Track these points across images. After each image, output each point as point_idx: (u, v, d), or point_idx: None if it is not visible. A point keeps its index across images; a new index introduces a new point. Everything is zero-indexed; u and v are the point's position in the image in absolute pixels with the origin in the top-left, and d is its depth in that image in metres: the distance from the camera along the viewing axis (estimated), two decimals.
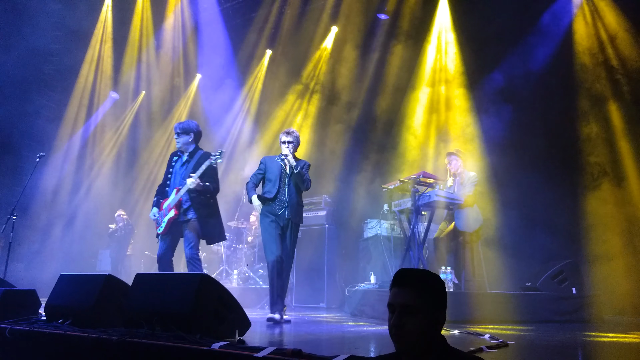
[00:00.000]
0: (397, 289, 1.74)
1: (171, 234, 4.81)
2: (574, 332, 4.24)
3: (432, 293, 1.71)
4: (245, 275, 8.50)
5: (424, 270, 1.80)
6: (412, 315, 1.68)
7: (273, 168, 5.09)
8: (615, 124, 6.71)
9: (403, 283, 1.74)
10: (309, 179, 5.04)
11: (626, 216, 6.37)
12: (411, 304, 1.68)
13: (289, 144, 5.07)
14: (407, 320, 1.68)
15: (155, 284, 3.32)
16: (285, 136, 5.14)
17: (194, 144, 5.04)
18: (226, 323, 3.08)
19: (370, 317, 5.47)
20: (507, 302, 5.24)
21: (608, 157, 6.67)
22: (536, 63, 7.26)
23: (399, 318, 1.70)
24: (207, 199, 4.85)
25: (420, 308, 1.68)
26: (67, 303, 3.59)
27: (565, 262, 5.82)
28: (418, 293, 1.69)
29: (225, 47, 10.65)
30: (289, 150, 5.02)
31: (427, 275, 1.76)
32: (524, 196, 6.75)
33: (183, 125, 4.98)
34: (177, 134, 4.97)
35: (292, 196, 4.97)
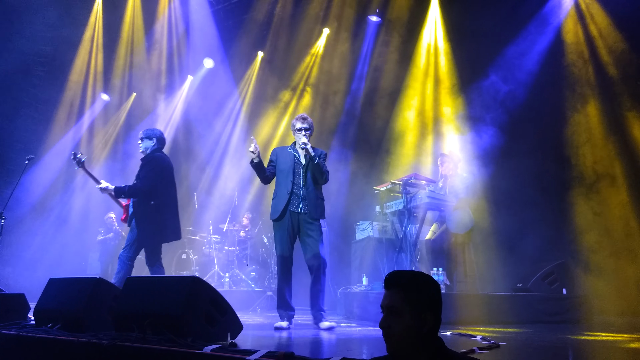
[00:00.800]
0: (386, 290, 1.78)
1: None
2: (565, 333, 4.27)
3: (418, 295, 1.72)
4: (237, 278, 8.47)
5: (413, 273, 1.81)
6: (397, 317, 1.71)
7: (285, 159, 4.62)
8: (605, 125, 6.77)
9: (390, 285, 1.77)
10: (327, 171, 4.59)
11: (616, 218, 6.42)
12: (395, 305, 1.72)
13: (305, 132, 4.56)
14: (393, 322, 1.72)
15: (146, 287, 3.30)
16: (301, 122, 4.61)
17: (157, 148, 5.06)
18: (218, 326, 3.06)
19: (362, 319, 5.47)
20: (499, 303, 5.26)
21: (599, 159, 6.72)
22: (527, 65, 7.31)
23: (385, 319, 1.74)
24: (140, 202, 4.84)
25: (405, 310, 1.70)
26: (57, 307, 3.55)
27: (556, 263, 5.86)
28: (403, 295, 1.72)
29: (216, 48, 10.62)
30: (306, 139, 4.51)
31: (415, 278, 1.78)
32: (515, 197, 6.79)
33: (147, 131, 5.07)
34: (140, 139, 5.04)
35: (309, 189, 4.49)
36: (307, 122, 4.61)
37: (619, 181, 6.52)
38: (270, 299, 7.54)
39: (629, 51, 6.60)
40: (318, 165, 4.44)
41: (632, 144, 6.49)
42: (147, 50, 10.97)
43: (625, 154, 6.53)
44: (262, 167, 4.53)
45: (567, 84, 7.11)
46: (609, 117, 6.73)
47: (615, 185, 6.54)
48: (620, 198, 6.47)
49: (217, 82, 10.87)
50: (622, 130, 6.62)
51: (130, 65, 11.02)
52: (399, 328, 1.70)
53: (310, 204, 4.48)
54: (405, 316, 1.70)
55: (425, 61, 8.64)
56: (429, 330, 1.71)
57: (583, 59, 7.06)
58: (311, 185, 4.52)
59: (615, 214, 6.44)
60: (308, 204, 4.48)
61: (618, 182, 6.53)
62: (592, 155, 6.79)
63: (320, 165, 4.47)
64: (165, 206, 4.91)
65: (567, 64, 7.17)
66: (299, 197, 4.48)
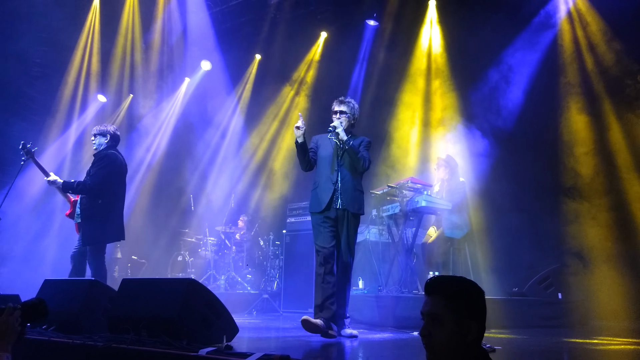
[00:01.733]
0: (427, 296, 1.70)
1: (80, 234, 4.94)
2: (560, 337, 4.28)
3: (461, 302, 1.64)
4: (233, 281, 8.45)
5: (456, 278, 1.72)
6: (439, 325, 1.63)
7: (325, 146, 4.22)
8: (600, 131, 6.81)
9: (431, 291, 1.69)
10: (366, 157, 4.09)
11: (611, 222, 6.45)
12: (438, 312, 1.64)
13: (340, 115, 4.18)
14: (435, 330, 1.64)
15: (142, 289, 3.29)
16: (337, 105, 4.24)
17: (110, 146, 5.04)
18: (213, 329, 3.06)
19: (359, 322, 5.46)
20: (495, 308, 5.26)
21: (594, 165, 6.75)
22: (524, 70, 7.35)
23: (426, 327, 1.66)
24: (89, 200, 4.82)
25: (447, 317, 1.62)
26: (52, 308, 3.51)
27: (552, 268, 5.88)
28: (445, 302, 1.64)
29: (214, 51, 10.61)
30: (339, 122, 4.11)
31: (458, 284, 1.69)
32: (510, 202, 6.80)
33: (100, 128, 5.05)
34: (93, 135, 5.03)
35: (345, 180, 4.06)
36: (344, 104, 4.22)
37: (614, 187, 6.55)
38: (266, 302, 7.53)
39: (625, 57, 6.64)
40: (352, 149, 4.00)
41: (626, 150, 6.53)
42: (144, 51, 10.95)
43: (620, 161, 6.56)
44: (305, 149, 4.12)
45: (563, 89, 7.15)
46: (605, 123, 6.77)
47: (611, 191, 6.57)
48: (614, 203, 6.50)
49: (215, 84, 10.86)
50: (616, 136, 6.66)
51: (128, 67, 10.99)
52: (441, 336, 1.62)
53: (346, 196, 4.04)
54: (447, 324, 1.62)
55: (423, 65, 8.66)
56: (474, 340, 1.63)
57: (579, 64, 7.10)
58: (348, 175, 4.09)
59: (611, 220, 6.46)
60: (344, 196, 4.04)
61: (613, 187, 6.55)
62: (587, 160, 6.81)
63: (354, 150, 4.01)
64: (111, 205, 4.86)
65: (563, 69, 7.21)
66: (335, 190, 4.07)
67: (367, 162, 4.09)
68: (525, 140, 7.23)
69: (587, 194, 6.68)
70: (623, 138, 6.59)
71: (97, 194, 4.78)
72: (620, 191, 6.49)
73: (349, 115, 4.19)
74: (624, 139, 6.58)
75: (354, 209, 4.05)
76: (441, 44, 8.52)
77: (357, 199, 4.09)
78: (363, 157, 4.06)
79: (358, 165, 4.05)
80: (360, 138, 4.20)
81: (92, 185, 4.77)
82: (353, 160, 4.05)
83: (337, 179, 4.05)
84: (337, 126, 4.07)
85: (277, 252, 8.38)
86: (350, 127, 4.25)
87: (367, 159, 4.10)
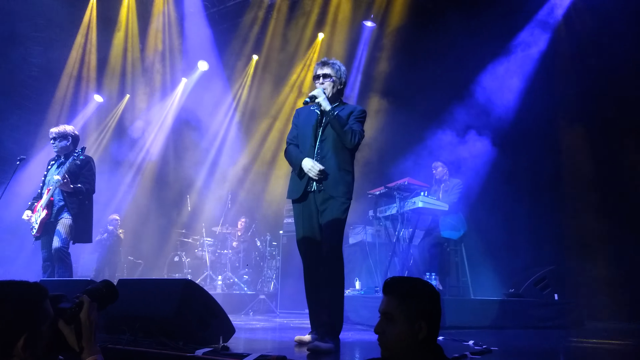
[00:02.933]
0: (384, 296, 1.78)
1: (47, 235, 4.81)
2: (556, 338, 4.29)
3: (412, 303, 1.70)
4: (230, 281, 8.44)
5: (412, 280, 1.79)
6: (392, 323, 1.70)
7: (307, 119, 3.53)
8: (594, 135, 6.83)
9: (387, 291, 1.77)
10: (356, 130, 3.33)
11: (607, 225, 6.47)
12: (390, 311, 1.71)
13: (324, 79, 3.45)
14: (387, 328, 1.71)
15: (138, 289, 3.28)
16: (319, 68, 3.49)
17: (72, 147, 5.05)
18: (210, 329, 3.05)
19: (355, 322, 5.46)
20: (491, 309, 5.28)
21: (590, 168, 6.77)
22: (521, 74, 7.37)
23: (380, 325, 1.74)
24: (79, 200, 4.84)
25: (398, 316, 1.69)
26: None
27: (548, 269, 5.90)
28: (398, 302, 1.71)
29: (211, 51, 10.61)
30: (321, 89, 3.39)
31: (413, 285, 1.76)
32: (507, 203, 6.83)
33: (59, 130, 5.03)
34: (53, 139, 5.01)
35: (327, 157, 3.32)
36: (328, 66, 3.47)
37: (611, 191, 6.57)
38: (262, 303, 7.52)
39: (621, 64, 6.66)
40: (336, 120, 3.27)
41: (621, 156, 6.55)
42: (141, 51, 10.94)
43: (615, 166, 6.59)
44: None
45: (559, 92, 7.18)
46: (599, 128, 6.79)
47: (607, 195, 6.59)
48: (611, 207, 6.52)
49: (212, 84, 10.86)
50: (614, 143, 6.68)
51: (124, 67, 10.98)
52: (393, 334, 1.69)
53: (328, 178, 3.29)
54: (398, 323, 1.69)
55: (420, 67, 8.66)
56: (425, 339, 1.69)
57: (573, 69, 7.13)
58: (330, 152, 3.34)
59: (606, 221, 6.49)
60: (330, 180, 3.30)
61: (609, 191, 6.58)
62: (584, 163, 6.84)
63: (339, 120, 3.28)
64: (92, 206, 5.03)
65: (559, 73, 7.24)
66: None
67: (358, 136, 3.34)
68: (522, 142, 7.25)
69: (583, 196, 6.70)
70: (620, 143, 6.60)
71: (86, 196, 4.89)
72: (617, 196, 6.51)
73: (334, 79, 3.45)
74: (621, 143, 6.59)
75: (336, 192, 3.28)
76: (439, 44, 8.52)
77: (341, 181, 3.31)
78: (351, 129, 3.31)
79: (345, 139, 3.31)
80: (350, 107, 3.49)
81: (89, 187, 4.92)
82: (339, 133, 3.31)
83: (314, 156, 3.34)
84: (318, 94, 3.33)
85: (274, 252, 8.37)
86: (338, 94, 3.52)
87: (357, 132, 3.34)
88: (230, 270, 8.56)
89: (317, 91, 3.37)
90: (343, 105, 3.50)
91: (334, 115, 3.28)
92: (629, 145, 6.47)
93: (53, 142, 5.01)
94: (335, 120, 3.29)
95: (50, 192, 4.78)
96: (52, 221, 4.80)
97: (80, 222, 4.84)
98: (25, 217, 4.90)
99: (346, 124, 3.32)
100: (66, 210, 4.79)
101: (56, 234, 4.72)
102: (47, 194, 4.80)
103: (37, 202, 4.93)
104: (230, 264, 8.70)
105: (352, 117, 3.40)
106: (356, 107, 3.51)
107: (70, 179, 4.74)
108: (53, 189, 4.77)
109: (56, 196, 4.83)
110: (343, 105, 3.51)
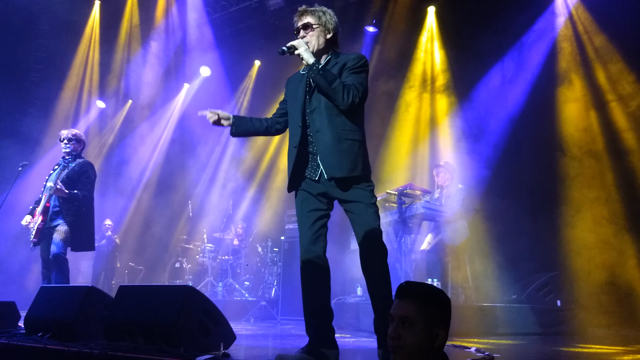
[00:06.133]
0: (399, 300, 1.74)
1: (45, 242, 4.82)
2: (559, 345, 4.26)
3: (432, 308, 1.69)
4: (231, 287, 8.42)
5: (428, 285, 1.78)
6: (410, 328, 1.67)
7: (295, 87, 2.88)
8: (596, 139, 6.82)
9: (404, 295, 1.73)
10: (349, 85, 2.61)
11: (610, 232, 6.44)
12: (409, 316, 1.68)
13: (305, 31, 2.79)
14: (404, 333, 1.68)
15: (139, 296, 3.27)
16: (297, 19, 2.86)
17: (80, 152, 5.13)
18: (211, 336, 3.03)
19: (357, 329, 5.44)
20: (494, 315, 5.25)
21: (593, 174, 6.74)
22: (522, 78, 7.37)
23: (396, 329, 1.70)
24: (75, 206, 4.81)
25: (418, 321, 1.67)
26: (48, 316, 3.51)
27: (551, 275, 5.87)
28: (417, 306, 1.68)
29: (213, 57, 10.65)
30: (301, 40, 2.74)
31: (430, 290, 1.75)
32: (510, 209, 6.80)
33: (74, 133, 5.11)
34: (66, 139, 5.04)
35: (322, 132, 2.64)
36: (307, 14, 2.81)
37: (612, 196, 6.54)
38: (263, 309, 7.49)
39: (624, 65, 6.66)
40: (320, 76, 2.56)
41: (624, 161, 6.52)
42: (143, 57, 10.98)
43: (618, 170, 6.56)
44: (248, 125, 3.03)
45: (562, 97, 7.17)
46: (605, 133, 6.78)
47: (609, 200, 6.56)
48: (612, 213, 6.49)
49: (214, 90, 10.88)
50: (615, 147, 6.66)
51: (127, 72, 11.02)
52: (409, 339, 1.66)
53: (327, 158, 2.62)
54: (418, 328, 1.66)
55: (421, 72, 8.68)
56: (439, 346, 1.68)
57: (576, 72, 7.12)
58: (323, 121, 2.64)
59: (609, 228, 6.46)
60: (324, 159, 2.62)
61: (611, 197, 6.55)
62: (586, 169, 6.81)
63: (325, 76, 2.56)
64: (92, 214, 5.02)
65: (561, 76, 7.23)
66: (313, 150, 2.71)
67: (352, 92, 2.59)
68: (525, 147, 7.24)
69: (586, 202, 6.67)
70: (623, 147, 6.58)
71: (83, 203, 4.88)
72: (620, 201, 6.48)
73: (321, 28, 2.78)
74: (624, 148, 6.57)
75: (341, 171, 2.59)
76: (440, 50, 8.55)
77: (346, 153, 2.60)
78: (343, 85, 2.59)
79: (336, 99, 2.58)
80: (345, 56, 2.77)
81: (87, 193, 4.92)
82: (327, 93, 2.60)
83: (307, 133, 2.73)
84: (298, 44, 2.66)
85: (275, 258, 8.35)
86: (328, 44, 2.82)
87: (350, 87, 2.60)
88: (231, 276, 8.55)
89: (298, 41, 2.71)
90: (337, 58, 2.79)
91: (318, 69, 2.56)
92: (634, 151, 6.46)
93: (65, 143, 5.05)
94: (320, 76, 2.56)
95: (46, 198, 4.79)
96: (48, 227, 4.79)
97: (79, 229, 4.82)
98: (25, 222, 4.90)
99: (335, 79, 2.59)
100: (61, 217, 4.77)
101: (53, 241, 4.72)
102: (44, 200, 4.81)
103: (37, 206, 4.94)
104: (232, 270, 8.69)
105: (345, 70, 2.69)
106: (351, 55, 2.78)
107: (67, 184, 4.74)
108: (48, 195, 4.78)
109: (52, 202, 4.83)
110: (337, 56, 2.81)
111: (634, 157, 6.40)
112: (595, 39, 7.03)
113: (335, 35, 2.85)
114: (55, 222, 4.79)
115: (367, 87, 2.72)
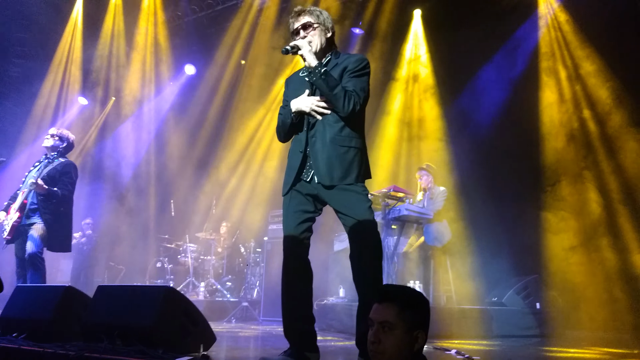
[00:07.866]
0: (378, 304, 1.73)
1: (20, 240, 4.73)
2: (538, 347, 4.31)
3: (412, 312, 1.69)
4: (212, 288, 8.35)
5: (408, 288, 1.78)
6: (390, 332, 1.66)
7: (295, 89, 2.82)
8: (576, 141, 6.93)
9: (384, 299, 1.72)
10: (351, 90, 2.57)
11: (588, 232, 6.55)
12: (389, 320, 1.67)
13: (305, 31, 2.74)
14: (384, 337, 1.67)
15: (118, 296, 3.21)
16: (295, 20, 2.80)
17: (63, 152, 5.05)
18: (190, 337, 3.00)
19: (339, 331, 5.43)
20: (474, 317, 5.30)
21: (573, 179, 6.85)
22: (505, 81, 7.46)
23: (376, 334, 1.69)
24: (53, 204, 4.74)
25: (398, 326, 1.66)
26: (23, 316, 3.43)
27: (530, 278, 5.95)
28: (397, 311, 1.68)
29: (198, 55, 10.57)
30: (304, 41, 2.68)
31: (410, 294, 1.75)
32: (491, 212, 6.87)
33: (61, 132, 5.06)
34: (52, 135, 4.98)
35: (317, 137, 2.62)
36: (305, 14, 2.76)
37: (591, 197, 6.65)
38: (245, 310, 7.45)
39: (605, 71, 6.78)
40: (321, 80, 2.51)
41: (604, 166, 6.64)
42: (127, 54, 10.84)
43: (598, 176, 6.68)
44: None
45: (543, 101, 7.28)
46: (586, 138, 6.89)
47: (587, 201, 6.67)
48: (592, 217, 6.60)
49: (198, 89, 10.80)
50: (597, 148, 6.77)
51: (110, 70, 10.87)
52: (389, 344, 1.65)
53: (322, 164, 2.58)
54: (398, 332, 1.65)
55: (406, 75, 8.74)
56: (419, 349, 1.68)
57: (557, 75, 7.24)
58: (322, 126, 2.62)
59: (588, 229, 6.56)
60: (319, 165, 2.59)
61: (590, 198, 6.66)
62: (567, 174, 6.92)
63: (326, 80, 2.51)
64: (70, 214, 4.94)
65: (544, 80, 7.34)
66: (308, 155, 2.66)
67: (353, 99, 2.54)
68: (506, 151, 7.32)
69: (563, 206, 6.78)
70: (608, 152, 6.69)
71: (61, 202, 4.80)
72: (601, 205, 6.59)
73: (318, 26, 2.72)
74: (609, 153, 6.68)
75: (331, 180, 2.55)
76: (426, 53, 8.61)
77: (341, 160, 2.57)
78: (344, 91, 2.53)
79: (337, 105, 2.54)
80: (346, 58, 2.71)
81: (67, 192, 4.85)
82: (328, 99, 2.57)
83: (305, 136, 2.67)
84: (302, 45, 2.61)
85: (257, 259, 8.31)
86: (328, 45, 2.77)
87: (352, 94, 2.55)
88: (213, 276, 8.48)
89: (301, 41, 2.64)
90: (337, 58, 2.74)
91: (320, 73, 2.51)
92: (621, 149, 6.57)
93: (48, 137, 4.96)
94: (321, 80, 2.51)
95: (24, 195, 4.69)
96: (24, 225, 4.68)
97: (56, 229, 4.73)
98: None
99: (337, 85, 2.53)
100: (38, 215, 4.68)
101: (29, 239, 4.61)
102: (21, 196, 4.71)
103: (12, 203, 4.83)
104: (214, 270, 8.62)
105: (346, 73, 2.63)
106: (352, 57, 2.71)
107: (47, 182, 4.65)
108: (27, 192, 4.68)
109: (30, 199, 4.73)
110: (337, 57, 2.76)
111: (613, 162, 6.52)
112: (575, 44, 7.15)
113: (334, 34, 2.84)
114: (31, 219, 4.69)
115: (369, 92, 2.70)
